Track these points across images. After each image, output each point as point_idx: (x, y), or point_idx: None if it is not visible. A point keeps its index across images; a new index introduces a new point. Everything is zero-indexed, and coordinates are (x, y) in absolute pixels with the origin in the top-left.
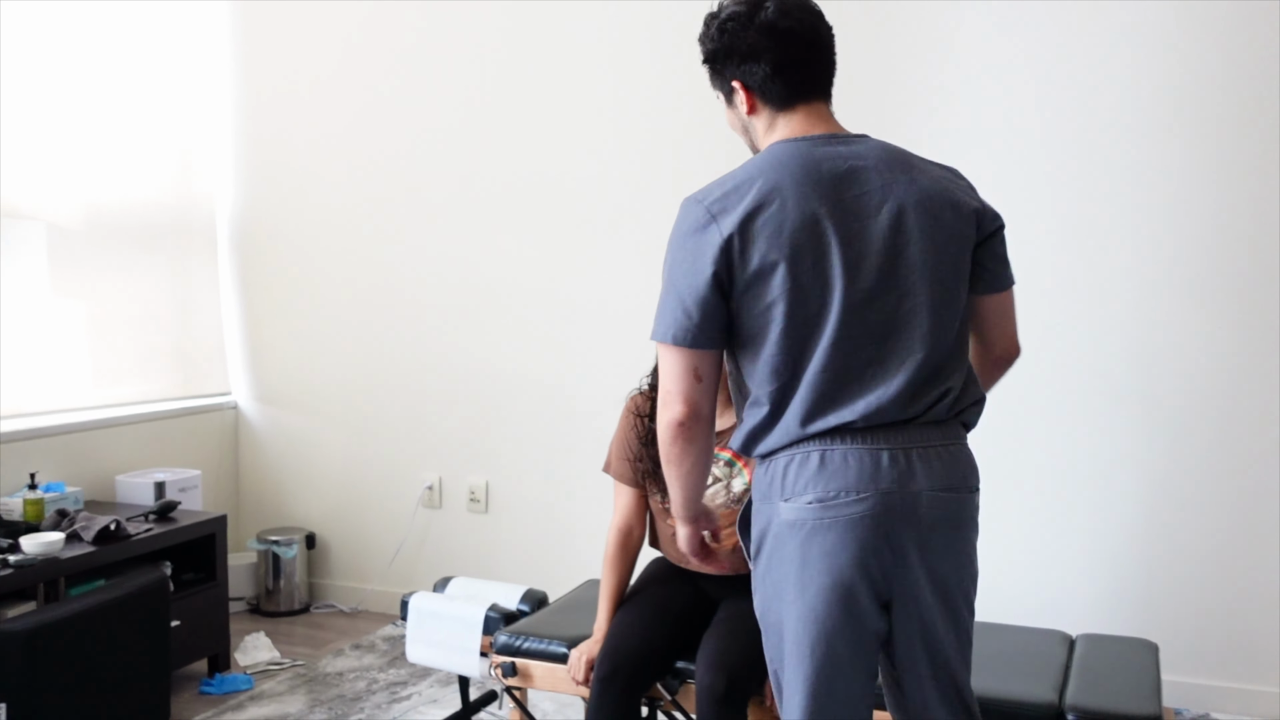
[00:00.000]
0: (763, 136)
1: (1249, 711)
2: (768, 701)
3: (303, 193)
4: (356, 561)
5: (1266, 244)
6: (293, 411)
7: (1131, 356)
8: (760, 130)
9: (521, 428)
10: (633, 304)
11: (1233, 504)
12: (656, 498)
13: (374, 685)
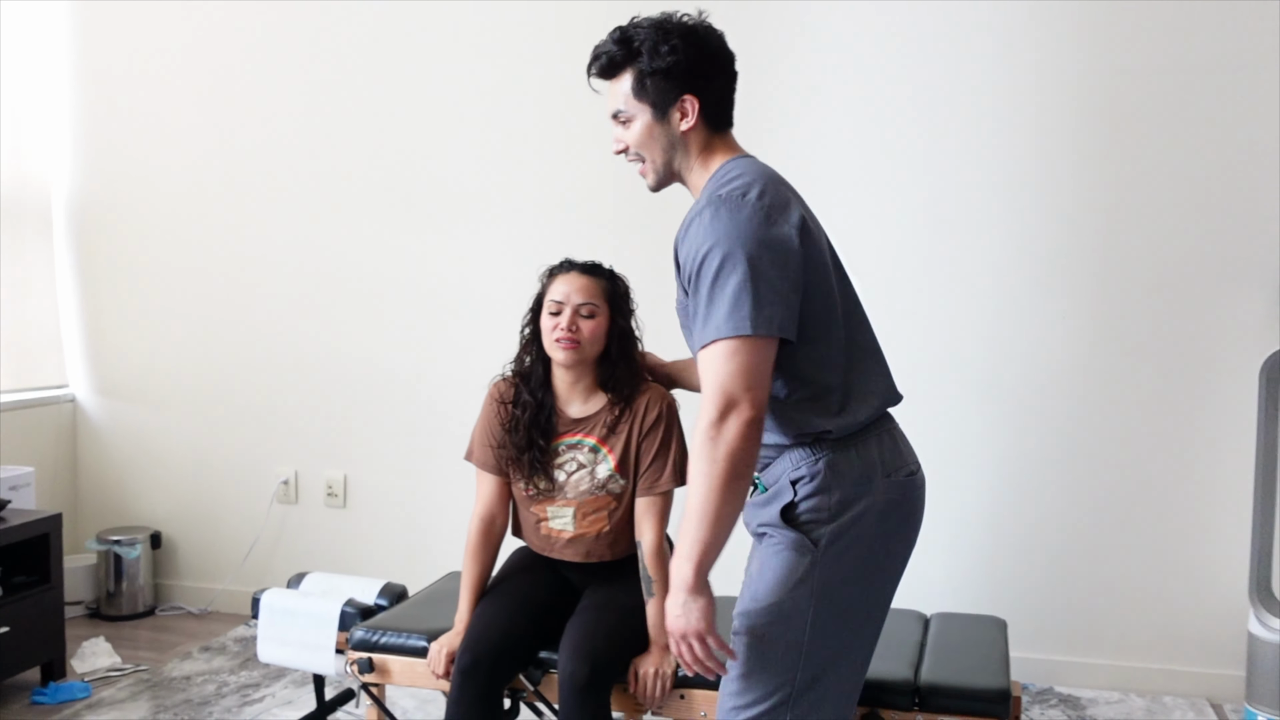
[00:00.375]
0: (695, 155)
1: (1089, 684)
2: (631, 689)
3: (146, 173)
4: (206, 561)
5: (1114, 236)
6: (136, 404)
7: (981, 344)
8: (694, 149)
9: (381, 419)
10: (494, 292)
11: (1077, 487)
12: (520, 485)
13: (224, 689)
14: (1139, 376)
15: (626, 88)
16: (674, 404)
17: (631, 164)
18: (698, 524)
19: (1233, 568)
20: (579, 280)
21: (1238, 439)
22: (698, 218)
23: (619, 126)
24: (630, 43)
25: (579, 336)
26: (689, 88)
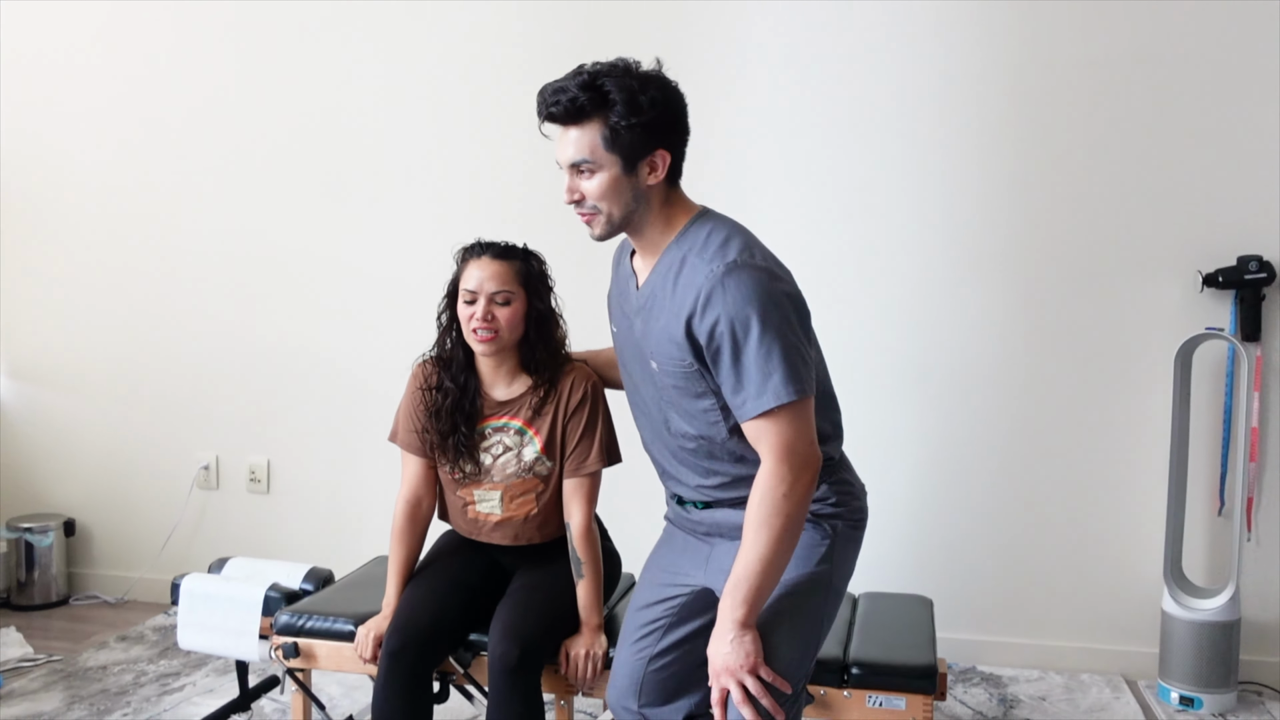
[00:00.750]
0: (655, 209)
1: (1010, 662)
2: (562, 670)
3: (61, 150)
4: (123, 548)
5: (1037, 227)
6: (47, 388)
7: (908, 332)
8: (655, 202)
9: (305, 403)
10: (420, 272)
11: (1000, 471)
12: (445, 469)
13: (142, 678)
14: (1061, 363)
15: (595, 138)
16: (598, 384)
17: (580, 215)
18: (761, 571)
19: (1147, 549)
20: (492, 267)
21: (1154, 423)
22: (717, 288)
23: (578, 176)
24: (600, 90)
25: (496, 326)
26: (662, 143)
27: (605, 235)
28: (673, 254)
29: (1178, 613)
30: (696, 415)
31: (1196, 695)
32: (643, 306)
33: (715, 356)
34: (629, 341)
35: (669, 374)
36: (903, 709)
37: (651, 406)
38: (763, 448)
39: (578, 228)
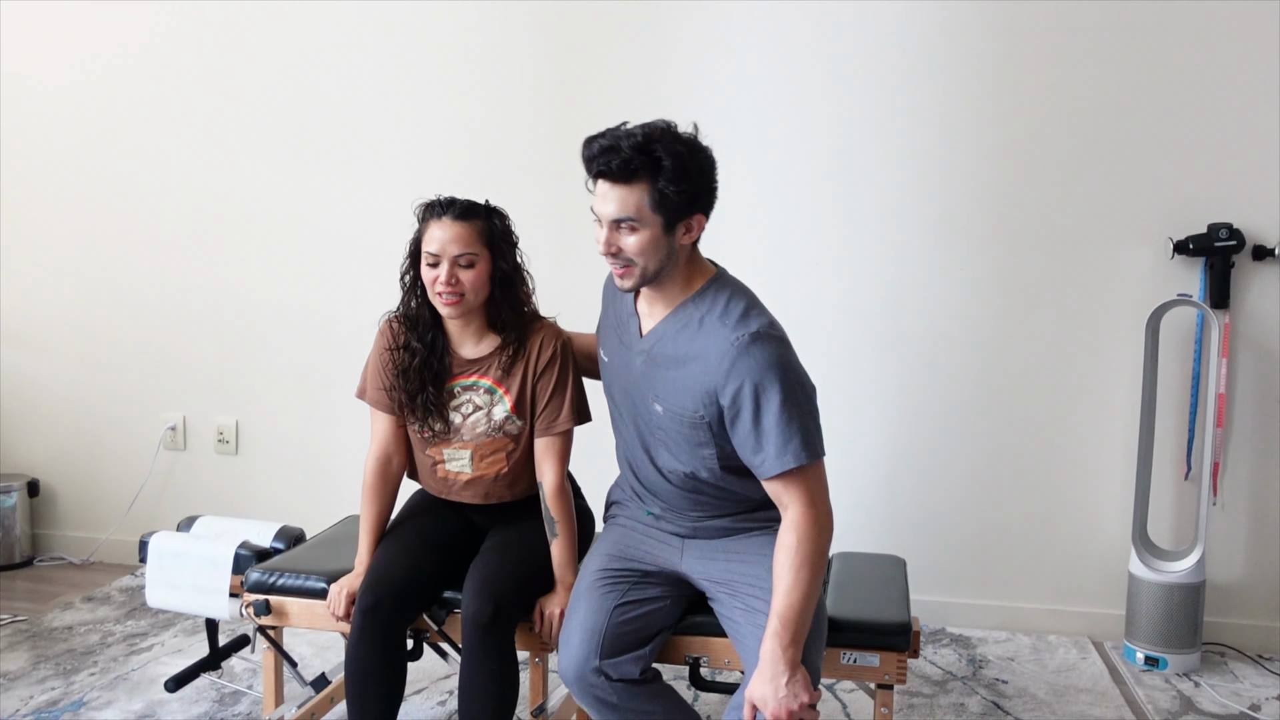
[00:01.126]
0: (681, 265)
1: (978, 624)
2: (536, 628)
3: (20, 95)
4: (88, 509)
5: (1011, 192)
6: (9, 345)
7: (882, 295)
8: (682, 260)
9: (274, 362)
10: (389, 228)
11: (971, 435)
12: (414, 428)
13: (109, 638)
14: (1031, 329)
15: (642, 199)
16: (568, 341)
17: (613, 266)
18: (806, 610)
19: (1114, 514)
20: (453, 229)
21: (1123, 389)
22: (742, 356)
23: (618, 231)
24: (653, 154)
25: (460, 289)
26: (700, 207)
27: (635, 287)
28: (689, 311)
29: (1144, 575)
30: (691, 458)
31: (1161, 655)
32: (648, 350)
33: (735, 419)
34: (624, 375)
35: (676, 420)
36: (876, 665)
37: (639, 439)
38: (788, 500)
39: (545, 183)
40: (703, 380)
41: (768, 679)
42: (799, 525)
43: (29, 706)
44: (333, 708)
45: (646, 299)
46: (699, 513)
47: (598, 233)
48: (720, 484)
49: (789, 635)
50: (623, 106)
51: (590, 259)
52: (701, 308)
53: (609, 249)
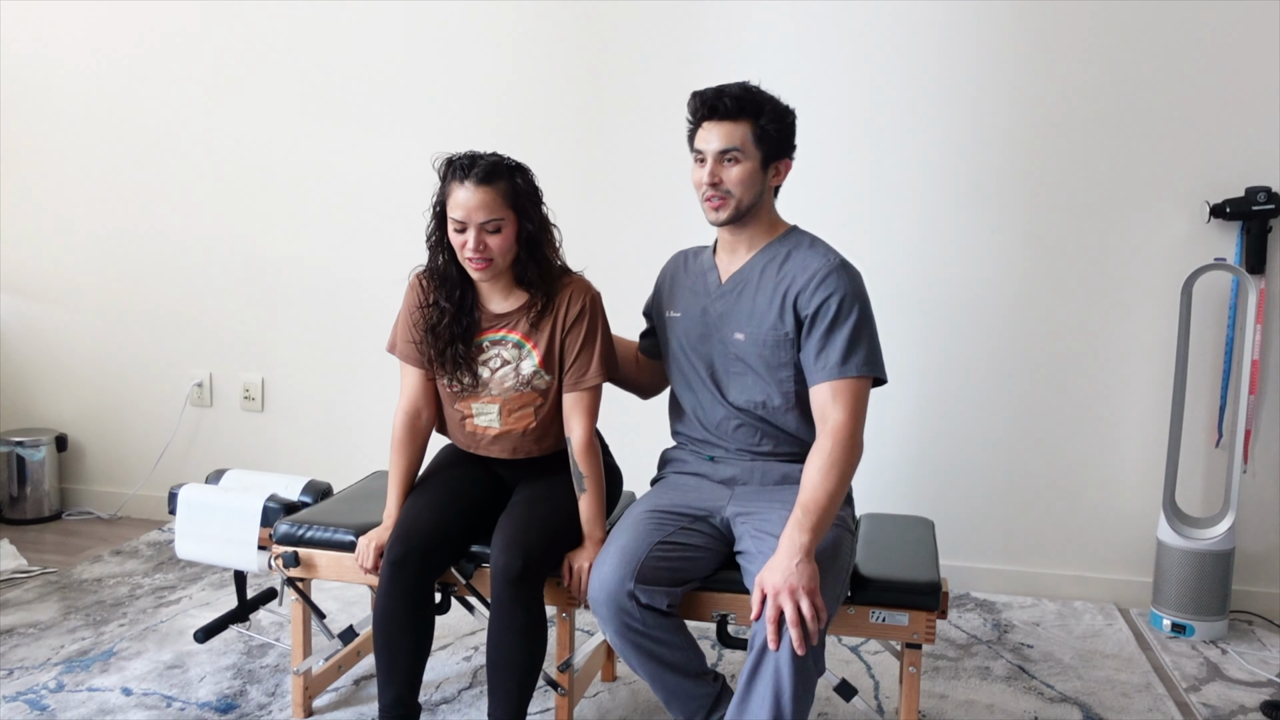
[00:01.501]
0: (767, 208)
1: (1003, 589)
2: (565, 583)
3: (49, 56)
4: (115, 465)
5: (1044, 154)
6: (38, 301)
7: (911, 257)
8: (768, 202)
9: (299, 319)
10: (414, 185)
11: (1000, 399)
12: (443, 381)
13: (137, 590)
14: (1064, 293)
15: (746, 133)
16: (597, 297)
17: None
18: (827, 506)
19: (1142, 480)
20: (478, 194)
21: (1155, 354)
22: (835, 273)
23: (723, 165)
24: (755, 98)
25: (489, 254)
26: (788, 154)
27: (728, 220)
28: (776, 249)
29: (1174, 541)
30: (766, 383)
31: (1188, 622)
32: (729, 290)
33: (813, 325)
34: (700, 322)
35: (758, 342)
36: (905, 624)
37: (711, 378)
38: (835, 407)
39: (569, 135)
40: (789, 295)
41: (779, 565)
42: (837, 433)
43: (60, 655)
44: (360, 660)
45: (728, 248)
46: (757, 451)
47: (697, 174)
48: (783, 419)
49: (809, 523)
50: (650, 58)
51: (617, 207)
52: (788, 245)
53: (712, 179)
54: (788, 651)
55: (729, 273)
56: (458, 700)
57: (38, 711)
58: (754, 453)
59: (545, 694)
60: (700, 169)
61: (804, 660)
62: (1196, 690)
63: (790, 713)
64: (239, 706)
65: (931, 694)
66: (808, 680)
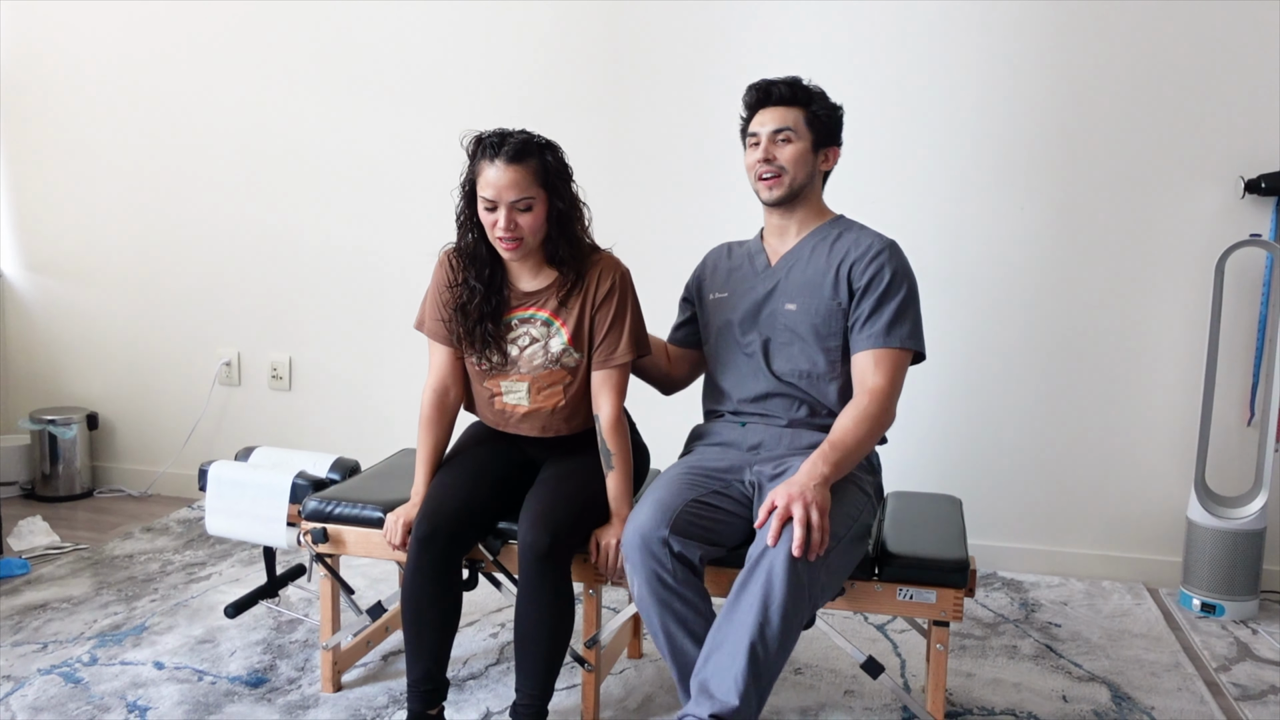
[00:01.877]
0: (816, 192)
1: (1030, 569)
2: (592, 559)
3: (79, 35)
4: (145, 443)
5: (1076, 127)
6: (68, 281)
7: (940, 233)
8: (817, 187)
9: (326, 298)
10: (439, 164)
11: (1029, 376)
12: (472, 360)
13: (168, 567)
14: (1094, 269)
15: (799, 117)
16: (627, 274)
17: (763, 177)
18: (853, 448)
19: (1172, 458)
20: (508, 173)
21: (1184, 331)
22: (888, 251)
23: (776, 145)
24: (806, 90)
25: (519, 234)
26: (836, 141)
27: (780, 199)
28: (825, 232)
29: (1204, 521)
30: (812, 353)
31: (1219, 602)
32: (779, 269)
33: (863, 294)
34: (746, 299)
35: (810, 311)
36: (933, 602)
37: (760, 350)
38: (875, 373)
39: (596, 113)
40: (843, 267)
41: (795, 480)
42: (875, 393)
43: (93, 629)
44: (388, 636)
45: (777, 232)
46: (792, 418)
47: (750, 157)
48: (824, 389)
49: (833, 458)
50: (679, 33)
51: (645, 184)
52: (838, 228)
53: (766, 155)
54: (784, 554)
55: (778, 254)
56: (485, 676)
57: (72, 684)
58: (788, 420)
59: (572, 670)
60: (754, 151)
61: (798, 571)
62: (1226, 670)
63: (777, 621)
64: (269, 680)
65: (958, 672)
66: (799, 596)
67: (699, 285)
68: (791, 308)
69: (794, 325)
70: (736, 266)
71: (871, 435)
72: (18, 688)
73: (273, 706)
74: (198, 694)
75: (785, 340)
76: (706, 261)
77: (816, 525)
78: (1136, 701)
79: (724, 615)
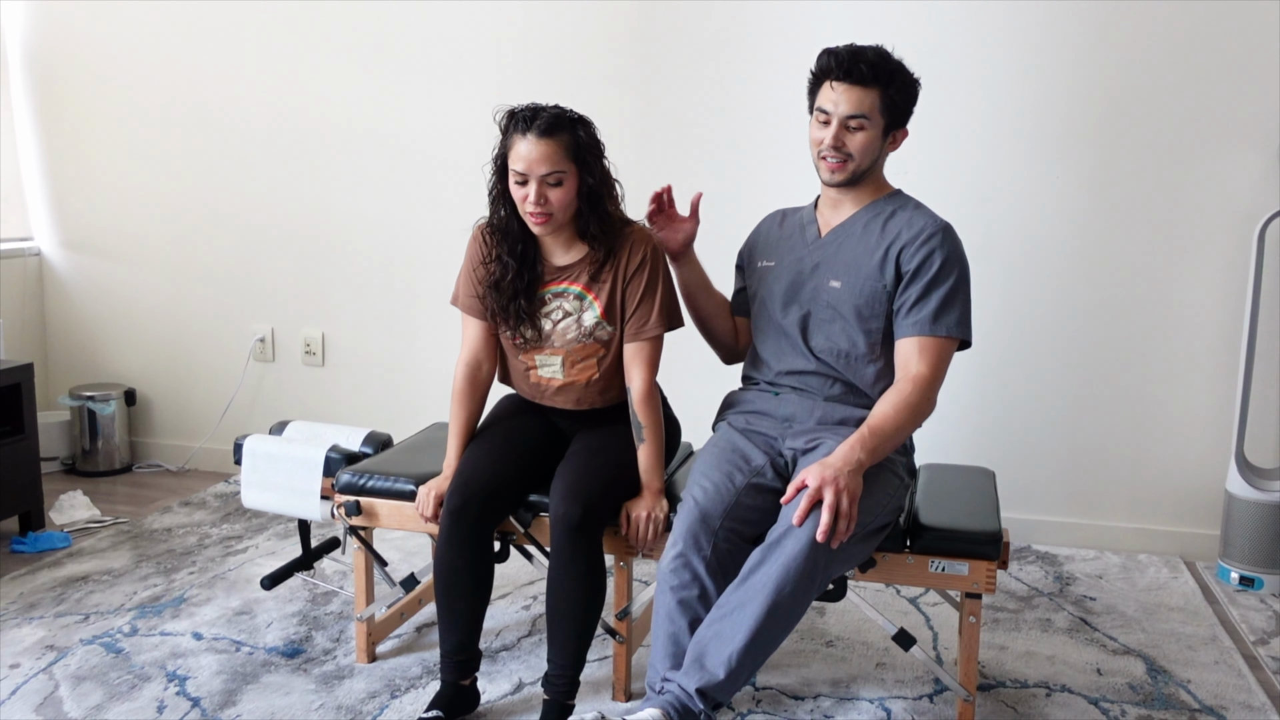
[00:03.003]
0: (878, 172)
1: (1065, 542)
2: (623, 532)
3: (110, 17)
4: (182, 419)
5: (1110, 94)
6: (105, 259)
7: (971, 203)
8: (880, 168)
9: (359, 274)
10: (471, 140)
11: (1064, 347)
12: (506, 334)
13: (206, 540)
14: (1130, 239)
15: (876, 101)
16: (658, 246)
17: (827, 159)
18: (891, 435)
19: (1210, 431)
20: (540, 148)
21: (1222, 302)
22: (940, 234)
23: (847, 130)
24: (889, 66)
25: (549, 208)
26: (906, 122)
27: (844, 183)
28: (880, 207)
29: (1243, 493)
30: (853, 332)
31: (1258, 575)
32: (829, 242)
33: (912, 279)
34: (793, 270)
35: (854, 291)
36: (965, 574)
37: (799, 325)
38: (919, 361)
39: (627, 88)
40: (892, 249)
41: (829, 463)
42: (917, 380)
43: (134, 601)
44: (422, 608)
45: (831, 204)
46: (827, 395)
47: (816, 132)
48: (861, 371)
49: (870, 444)
50: (706, 6)
51: (671, 162)
52: (893, 204)
53: (835, 141)
54: (807, 538)
55: (829, 226)
56: (517, 647)
57: (113, 654)
58: (823, 395)
59: (604, 642)
60: (823, 129)
61: (817, 558)
62: (1265, 643)
63: (788, 604)
64: (305, 651)
65: (991, 645)
66: (812, 581)
67: (750, 252)
68: (836, 285)
69: (836, 303)
70: (787, 236)
71: (912, 423)
72: (61, 657)
73: (309, 677)
74: (235, 664)
75: (827, 318)
76: (760, 228)
77: (845, 513)
78: (1172, 675)
79: (736, 586)
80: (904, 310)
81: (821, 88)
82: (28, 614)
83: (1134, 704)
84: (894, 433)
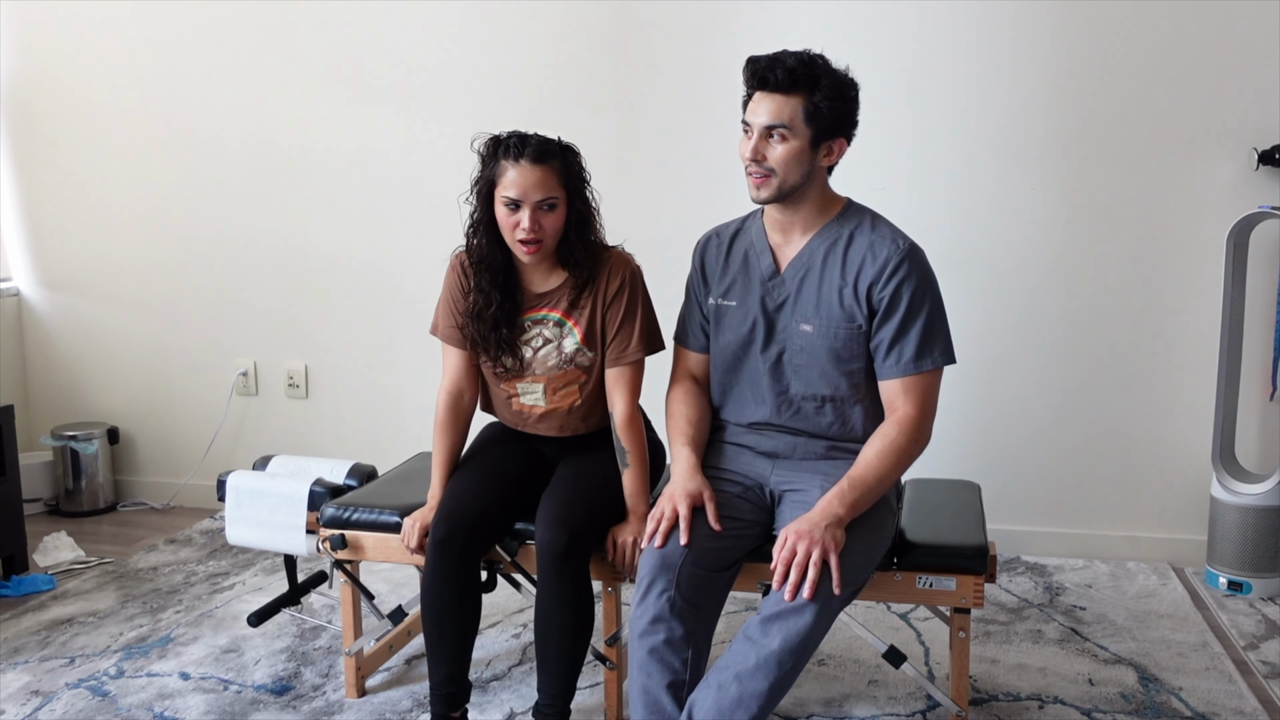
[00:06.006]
0: (818, 188)
1: (1054, 552)
2: (610, 557)
3: (84, 53)
4: (166, 456)
5: (1085, 104)
6: (84, 297)
7: (951, 214)
8: (818, 182)
9: (341, 305)
10: (449, 170)
11: (1045, 357)
12: (487, 364)
13: (192, 578)
14: (1108, 245)
15: (797, 109)
16: (637, 271)
17: (752, 174)
18: (873, 487)
19: (1195, 435)
20: (534, 174)
21: (1204, 306)
22: (907, 261)
23: (768, 141)
24: (811, 71)
25: (541, 235)
26: (844, 133)
27: (769, 199)
28: (834, 230)
29: (1226, 498)
30: (832, 377)
31: (1245, 580)
32: (790, 279)
33: (886, 316)
34: (755, 312)
35: (828, 335)
36: (953, 589)
37: (770, 372)
38: (904, 402)
39: (602, 113)
40: (860, 287)
41: (807, 519)
42: (904, 423)
43: (120, 642)
44: (411, 640)
45: (779, 229)
46: (810, 432)
47: (743, 145)
48: (848, 411)
49: (850, 499)
50: (683, 26)
51: (652, 190)
52: (847, 225)
53: (755, 154)
54: (808, 614)
55: (786, 258)
56: (508, 677)
57: (100, 697)
58: (807, 433)
59: (594, 668)
60: (745, 141)
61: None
62: (1255, 648)
63: (788, 672)
64: (294, 688)
65: (983, 659)
66: (814, 643)
67: (697, 283)
68: (807, 329)
69: (811, 348)
70: (740, 269)
71: (898, 468)
72: (46, 702)
73: (298, 713)
74: (224, 703)
75: (802, 363)
76: (699, 257)
77: (833, 565)
78: (1164, 683)
79: (737, 655)
80: (883, 351)
81: (749, 101)
82: (12, 659)
83: (1126, 713)
84: (876, 482)
